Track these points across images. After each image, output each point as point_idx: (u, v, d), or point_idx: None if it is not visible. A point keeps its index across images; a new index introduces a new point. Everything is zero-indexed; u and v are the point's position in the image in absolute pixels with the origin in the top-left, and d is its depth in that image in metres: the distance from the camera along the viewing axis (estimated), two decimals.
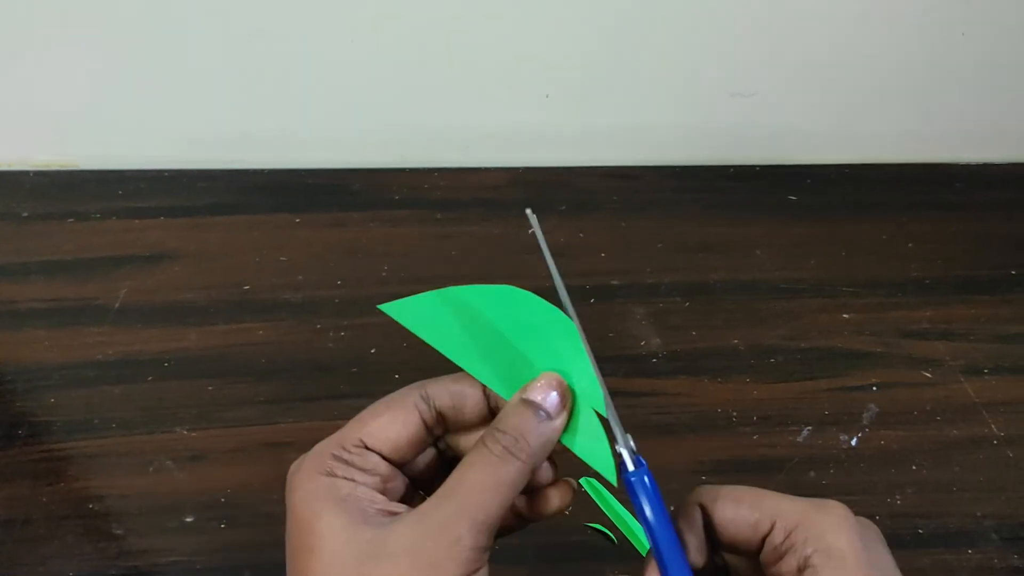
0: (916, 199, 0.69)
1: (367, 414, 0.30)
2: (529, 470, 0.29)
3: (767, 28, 0.64)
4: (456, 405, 0.31)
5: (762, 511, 0.29)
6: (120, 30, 0.62)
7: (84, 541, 0.46)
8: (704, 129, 0.71)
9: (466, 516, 0.27)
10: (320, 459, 0.29)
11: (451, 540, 0.26)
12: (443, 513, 0.27)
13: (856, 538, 0.27)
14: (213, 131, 0.68)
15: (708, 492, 0.30)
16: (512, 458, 0.28)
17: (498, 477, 0.28)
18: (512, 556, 0.46)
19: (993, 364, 0.57)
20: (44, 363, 0.54)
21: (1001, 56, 0.67)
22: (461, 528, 0.27)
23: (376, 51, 0.64)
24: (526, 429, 0.29)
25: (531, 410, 0.29)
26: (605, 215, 0.66)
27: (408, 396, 0.31)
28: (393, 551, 0.26)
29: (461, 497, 0.27)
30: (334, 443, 0.30)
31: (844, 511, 0.28)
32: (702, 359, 0.56)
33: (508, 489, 0.28)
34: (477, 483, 0.28)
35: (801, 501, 0.29)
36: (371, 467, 0.29)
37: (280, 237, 0.63)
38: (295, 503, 0.28)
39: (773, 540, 0.28)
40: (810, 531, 0.28)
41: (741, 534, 0.29)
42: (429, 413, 0.31)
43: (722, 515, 0.29)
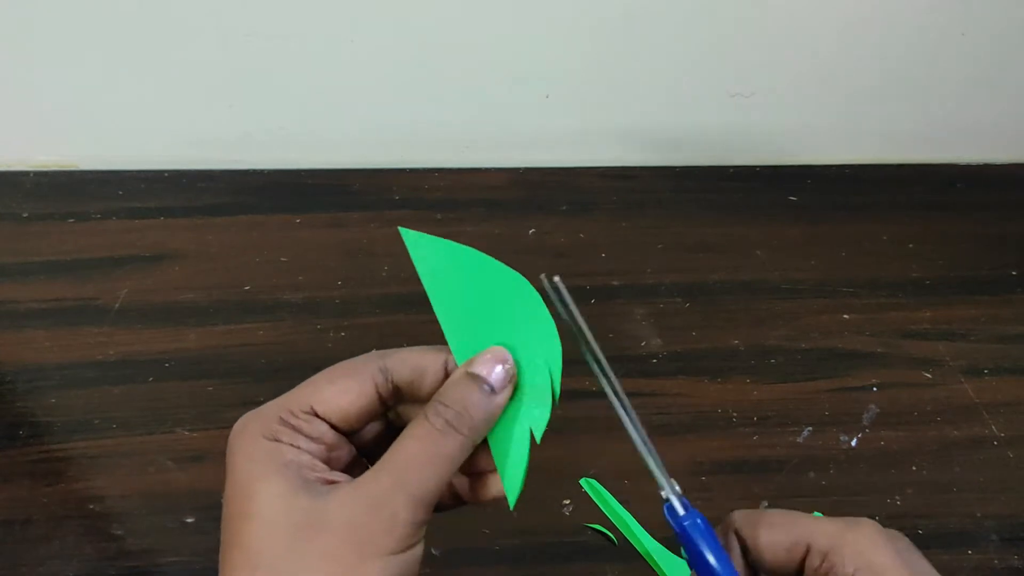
0: (916, 199, 0.69)
1: (321, 379, 0.30)
2: (470, 445, 0.29)
3: (767, 28, 0.64)
4: (415, 379, 0.30)
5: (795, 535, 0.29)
6: (120, 30, 0.62)
7: (84, 541, 0.46)
8: (704, 130, 0.71)
9: (403, 490, 0.27)
10: (266, 422, 0.29)
11: (387, 515, 0.26)
12: (380, 486, 0.27)
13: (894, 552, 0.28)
14: (213, 131, 0.68)
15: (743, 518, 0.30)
16: (453, 432, 0.28)
17: (438, 451, 0.28)
18: (512, 556, 0.46)
19: (993, 364, 0.57)
20: (44, 363, 0.54)
21: (1001, 56, 0.67)
22: (397, 502, 0.26)
23: (376, 51, 0.64)
24: (469, 402, 0.29)
25: (475, 383, 0.29)
26: (605, 215, 0.66)
27: (366, 366, 0.30)
28: (328, 523, 0.26)
29: (399, 471, 0.27)
30: (282, 406, 0.29)
31: (875, 526, 0.29)
32: (702, 359, 0.56)
33: (447, 463, 0.28)
34: (416, 457, 0.27)
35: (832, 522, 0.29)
36: (318, 435, 0.29)
37: (280, 237, 0.63)
38: (235, 465, 0.28)
39: (811, 563, 0.29)
40: (847, 551, 0.28)
41: (778, 559, 0.29)
42: (386, 386, 0.30)
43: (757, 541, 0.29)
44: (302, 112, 0.68)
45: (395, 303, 0.59)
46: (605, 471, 0.49)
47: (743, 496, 0.49)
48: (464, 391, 0.29)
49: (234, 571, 0.26)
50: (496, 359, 0.30)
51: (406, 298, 0.59)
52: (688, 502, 0.30)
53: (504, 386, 0.30)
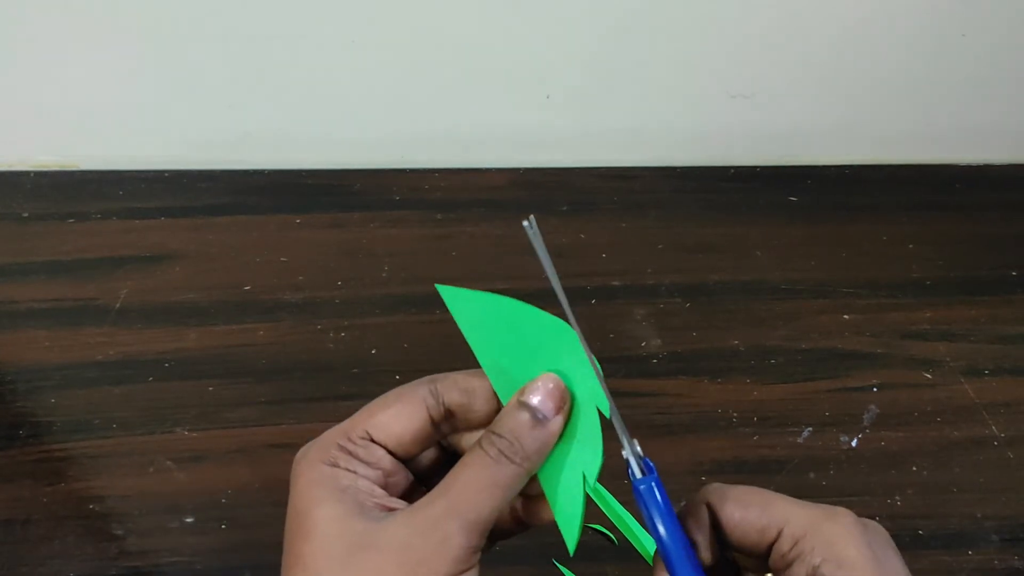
0: (916, 200, 0.69)
1: (376, 405, 0.30)
2: (525, 473, 0.29)
3: (767, 29, 0.64)
4: (465, 403, 0.31)
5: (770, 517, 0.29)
6: (121, 31, 0.62)
7: (85, 541, 0.46)
8: (704, 130, 0.71)
9: (457, 515, 0.27)
10: (325, 448, 0.29)
11: (440, 538, 0.27)
12: (434, 510, 0.27)
13: (865, 546, 0.27)
14: (214, 132, 0.68)
15: (717, 492, 0.30)
16: (507, 461, 0.28)
17: (492, 479, 0.28)
18: (512, 556, 0.46)
19: (994, 365, 0.57)
20: (45, 363, 0.55)
21: (1001, 57, 0.67)
22: (451, 526, 0.27)
23: (377, 52, 0.64)
24: (521, 432, 0.29)
25: (527, 412, 0.29)
26: (605, 216, 0.66)
27: (417, 390, 0.30)
28: (383, 545, 0.26)
29: (453, 496, 0.27)
30: (340, 433, 0.30)
31: (852, 519, 0.28)
32: (702, 360, 0.56)
33: (502, 491, 0.28)
34: (470, 483, 0.28)
35: (809, 507, 0.29)
36: (374, 460, 0.29)
37: (280, 238, 0.63)
38: (297, 489, 0.28)
39: (780, 547, 0.28)
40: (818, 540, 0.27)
41: (748, 538, 0.29)
42: (437, 409, 0.30)
43: (729, 517, 0.29)
44: (302, 112, 0.68)
45: (395, 303, 0.59)
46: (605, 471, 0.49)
47: None
48: (516, 420, 0.29)
49: None
50: (547, 386, 0.30)
51: (406, 298, 0.59)
52: (651, 464, 0.29)
53: (556, 413, 0.30)
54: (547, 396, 0.29)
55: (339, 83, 0.66)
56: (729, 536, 0.29)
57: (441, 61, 0.65)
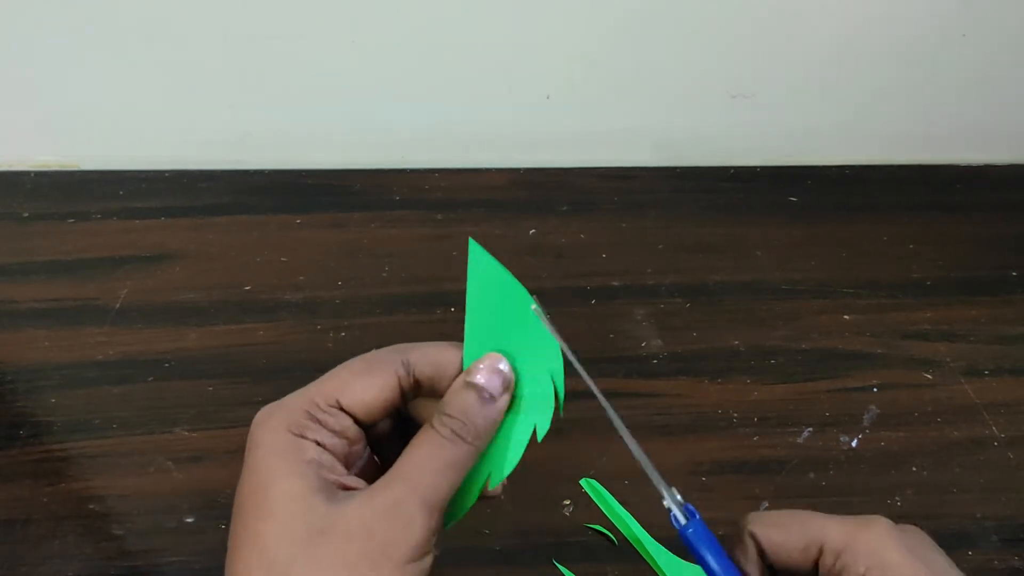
0: (917, 200, 0.69)
1: (346, 372, 0.30)
2: (477, 451, 0.29)
3: (767, 29, 0.64)
4: (436, 375, 0.31)
5: (809, 535, 0.29)
6: (121, 30, 0.62)
7: (84, 541, 0.46)
8: (704, 130, 0.71)
9: (417, 497, 0.27)
10: (291, 415, 0.29)
11: (403, 523, 0.27)
12: (395, 493, 0.27)
13: (905, 549, 0.28)
14: (214, 131, 0.68)
15: (757, 519, 0.30)
16: (460, 441, 0.28)
17: (447, 459, 0.28)
18: (512, 556, 0.46)
19: (994, 365, 0.57)
20: (45, 363, 0.55)
21: (1001, 57, 0.67)
22: (412, 510, 0.27)
23: (377, 51, 0.64)
24: (471, 411, 0.29)
25: (475, 392, 0.30)
26: (606, 216, 0.66)
27: (390, 360, 0.30)
28: (345, 529, 0.26)
29: (412, 478, 0.28)
30: (307, 399, 0.29)
31: (887, 524, 0.29)
32: (702, 360, 0.56)
33: (457, 471, 0.28)
34: (427, 464, 0.28)
35: (845, 521, 0.29)
36: (341, 429, 0.29)
37: (281, 238, 0.63)
38: (256, 459, 0.28)
39: (825, 563, 0.29)
40: (859, 549, 0.28)
41: (793, 559, 0.29)
42: (407, 380, 0.30)
43: (772, 542, 0.30)
44: (303, 112, 0.68)
45: (395, 303, 0.59)
46: (605, 471, 0.49)
47: (743, 497, 0.49)
48: (465, 400, 0.30)
49: (249, 568, 0.27)
50: (492, 366, 0.30)
51: (406, 298, 0.59)
52: (692, 508, 0.30)
53: (502, 392, 0.30)
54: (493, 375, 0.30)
55: (339, 83, 0.66)
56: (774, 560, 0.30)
57: (441, 61, 0.65)
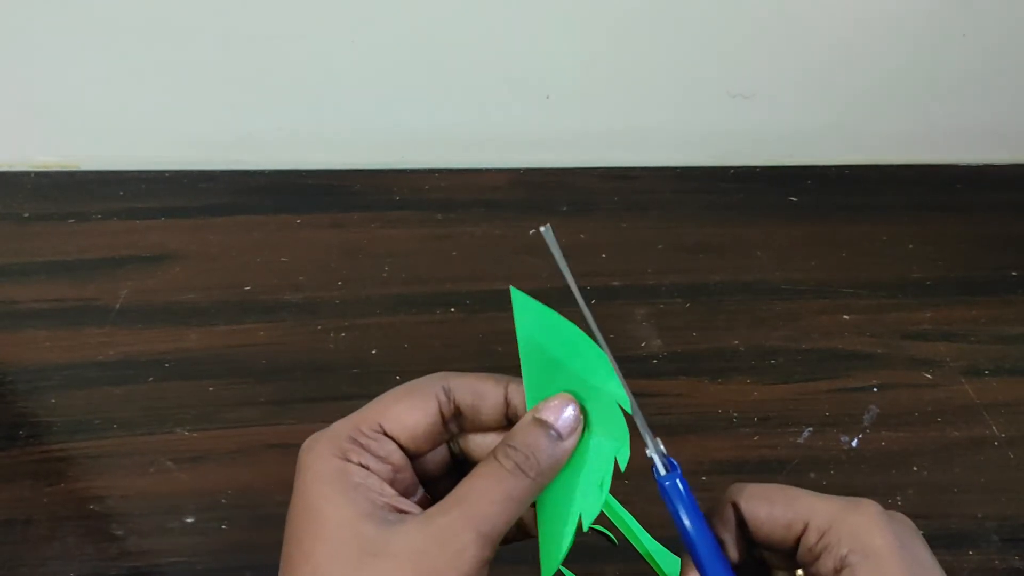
0: (917, 200, 0.69)
1: (389, 397, 0.30)
2: (538, 488, 0.29)
3: (767, 29, 0.64)
4: (475, 404, 0.31)
5: (795, 512, 0.29)
6: (121, 31, 0.62)
7: (85, 542, 0.46)
8: (704, 130, 0.71)
9: (472, 526, 0.27)
10: (336, 440, 0.29)
11: (455, 550, 0.26)
12: (449, 519, 0.27)
13: (891, 535, 0.27)
14: (214, 132, 0.68)
15: (742, 490, 0.30)
16: (522, 475, 0.28)
17: (507, 491, 0.28)
18: (512, 556, 0.46)
19: (994, 365, 0.57)
20: (45, 363, 0.55)
21: (1002, 57, 0.67)
22: (466, 538, 0.27)
23: (377, 52, 0.64)
24: (537, 447, 0.29)
25: (543, 429, 0.29)
26: (606, 216, 0.66)
27: (430, 386, 0.30)
28: (396, 552, 0.26)
29: (469, 507, 0.27)
30: (352, 425, 0.29)
31: (877, 508, 0.28)
32: (702, 360, 0.56)
33: (516, 505, 0.28)
34: (485, 494, 0.28)
35: (833, 500, 0.29)
36: (385, 454, 0.29)
37: (281, 238, 0.63)
38: (305, 483, 0.28)
39: (807, 541, 0.28)
40: (844, 531, 0.28)
41: (775, 534, 0.29)
42: (448, 406, 0.30)
43: (755, 514, 0.29)
44: (303, 112, 0.68)
45: (395, 303, 0.59)
46: None
47: None
48: (532, 436, 0.29)
49: None
50: (561, 405, 0.30)
51: (407, 298, 0.59)
52: (675, 462, 0.30)
53: (570, 433, 0.30)
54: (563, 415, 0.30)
55: (339, 83, 0.66)
56: (756, 533, 0.30)
57: (441, 61, 0.65)
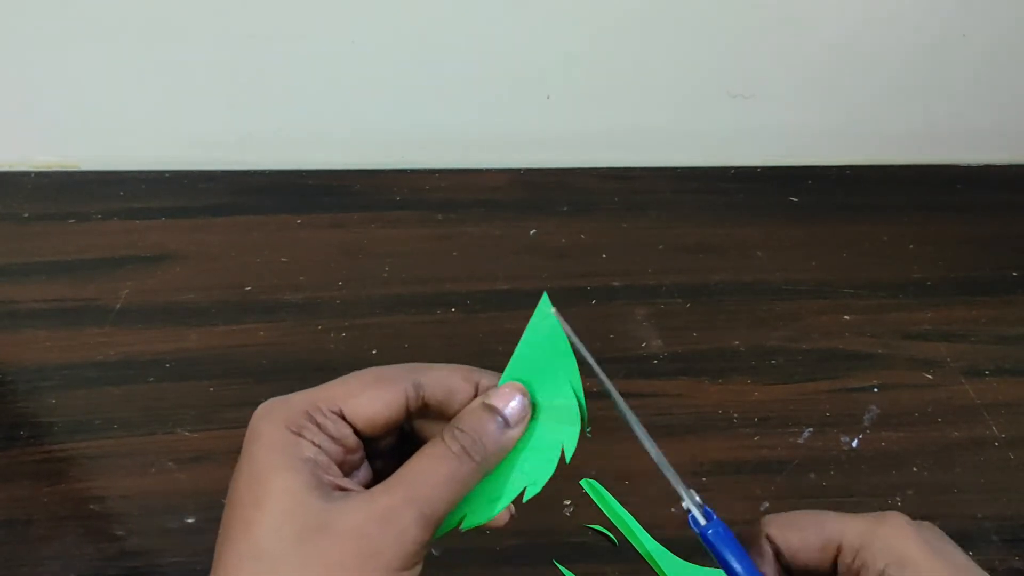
0: (917, 200, 0.69)
1: (355, 382, 0.30)
2: (481, 473, 0.29)
3: (767, 29, 0.64)
4: (445, 400, 0.31)
5: (827, 535, 0.29)
6: (121, 31, 0.62)
7: (85, 542, 0.46)
8: (704, 130, 0.71)
9: (415, 507, 0.27)
10: (292, 413, 0.29)
11: (398, 530, 0.26)
12: (392, 499, 0.27)
13: (923, 543, 0.28)
14: (214, 132, 0.68)
15: (773, 522, 0.30)
16: (468, 458, 0.28)
17: (451, 473, 0.28)
18: (512, 556, 0.46)
19: (994, 366, 0.57)
20: (45, 364, 0.55)
21: (1002, 57, 0.67)
22: (408, 518, 0.27)
23: (377, 52, 0.64)
24: (484, 432, 0.29)
25: (491, 415, 0.30)
26: (606, 216, 0.66)
27: (400, 379, 0.30)
28: (337, 529, 0.26)
29: (413, 488, 0.27)
30: (310, 401, 0.29)
31: (903, 520, 0.29)
32: (703, 360, 0.56)
33: (459, 487, 0.28)
34: (430, 476, 0.28)
35: (861, 518, 0.29)
36: (340, 436, 0.29)
37: (281, 238, 0.63)
38: (254, 451, 0.28)
39: (844, 561, 0.29)
40: (877, 546, 0.28)
41: (812, 560, 0.29)
42: (416, 400, 0.30)
43: (789, 543, 0.30)
44: (303, 113, 0.68)
45: (395, 303, 0.59)
46: (606, 472, 0.49)
47: (744, 497, 0.49)
48: (480, 420, 0.30)
49: (238, 557, 0.27)
50: (512, 394, 0.30)
51: (406, 299, 0.59)
52: (710, 510, 0.30)
53: (518, 421, 0.30)
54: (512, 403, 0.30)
55: (339, 83, 0.66)
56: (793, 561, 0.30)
57: (441, 61, 0.65)
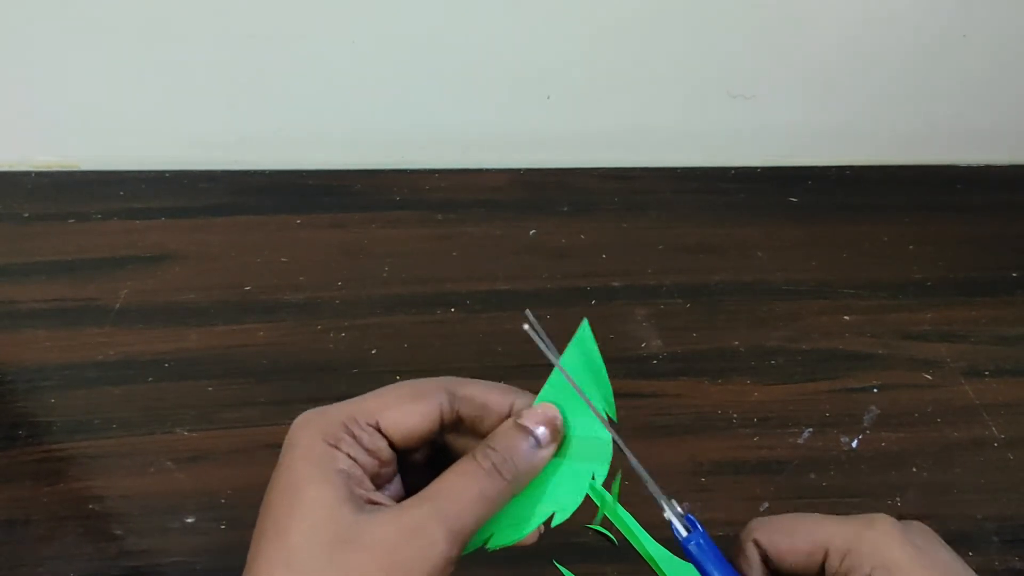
0: (917, 201, 0.69)
1: (391, 395, 0.30)
2: (511, 492, 0.29)
3: (767, 29, 0.64)
4: (479, 415, 0.31)
5: (814, 539, 0.29)
6: (122, 31, 0.62)
7: (85, 542, 0.46)
8: (705, 131, 0.71)
9: (442, 522, 0.27)
10: (330, 426, 0.29)
11: (425, 544, 0.27)
12: (421, 513, 0.27)
13: (909, 545, 0.28)
14: (214, 132, 0.68)
15: (761, 526, 0.30)
16: (498, 476, 0.29)
17: (481, 490, 0.28)
18: (513, 556, 0.46)
19: (994, 366, 0.57)
20: (45, 363, 0.55)
21: (1002, 58, 0.67)
22: (437, 533, 0.27)
23: (377, 52, 0.64)
24: (515, 451, 0.29)
25: (523, 434, 0.30)
26: (606, 216, 0.66)
27: (435, 392, 0.31)
28: (367, 542, 0.27)
29: (442, 503, 0.28)
30: (348, 413, 0.30)
31: (890, 522, 0.29)
32: (703, 360, 0.56)
33: (488, 505, 0.28)
34: (460, 493, 0.28)
35: (849, 521, 0.29)
36: (375, 449, 0.30)
37: (281, 238, 0.63)
38: (291, 460, 0.29)
39: (831, 565, 0.29)
40: (863, 550, 0.28)
41: (799, 564, 0.29)
42: (450, 415, 0.31)
43: (776, 548, 0.30)
44: (303, 113, 0.68)
45: (395, 304, 0.59)
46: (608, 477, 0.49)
47: (743, 497, 0.49)
48: (512, 440, 0.30)
49: (269, 564, 0.27)
50: (545, 414, 0.31)
51: (406, 299, 0.59)
52: (693, 519, 0.30)
53: (549, 443, 0.30)
54: (545, 424, 0.30)
55: (339, 83, 0.66)
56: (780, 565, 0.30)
57: (441, 61, 0.65)
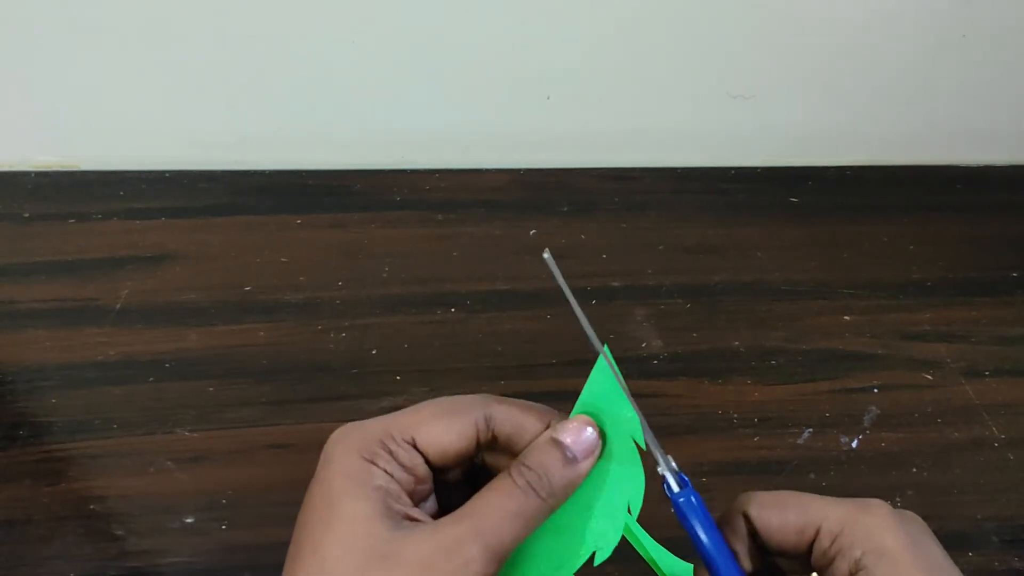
0: (917, 201, 0.69)
1: (427, 411, 0.30)
2: (548, 509, 0.29)
3: (768, 30, 0.64)
4: (515, 435, 0.31)
5: (806, 517, 0.29)
6: (121, 30, 0.62)
7: (85, 542, 0.46)
8: (705, 131, 0.71)
9: (479, 539, 0.27)
10: (367, 442, 0.29)
11: (462, 562, 0.26)
12: (458, 531, 0.27)
13: (903, 534, 0.28)
14: (214, 132, 0.68)
15: (752, 500, 0.30)
16: (534, 494, 0.28)
17: (517, 508, 0.28)
18: None
19: (994, 366, 0.57)
20: (45, 364, 0.55)
21: (1002, 58, 0.67)
22: (473, 551, 0.27)
23: (377, 52, 0.64)
24: (551, 468, 0.29)
25: (558, 450, 0.29)
26: (606, 216, 0.66)
27: (472, 410, 0.30)
28: (404, 558, 0.26)
29: (479, 520, 0.27)
30: (385, 429, 0.29)
31: (887, 509, 0.29)
32: (703, 361, 0.56)
33: (525, 523, 0.28)
34: (496, 509, 0.28)
35: (843, 503, 0.29)
36: (411, 465, 0.29)
37: (281, 238, 0.63)
38: (329, 474, 0.28)
39: (821, 545, 0.29)
40: (856, 533, 0.28)
41: (788, 541, 0.29)
42: (486, 434, 0.30)
43: (767, 523, 0.30)
44: (303, 113, 0.68)
45: (395, 304, 0.59)
46: None
47: None
48: (547, 456, 0.29)
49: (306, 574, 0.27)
50: (581, 427, 0.30)
51: (406, 299, 0.59)
52: (686, 479, 0.30)
53: (586, 455, 0.30)
54: (580, 438, 0.30)
55: (339, 83, 0.66)
56: (768, 541, 0.30)
57: (441, 61, 0.65)
